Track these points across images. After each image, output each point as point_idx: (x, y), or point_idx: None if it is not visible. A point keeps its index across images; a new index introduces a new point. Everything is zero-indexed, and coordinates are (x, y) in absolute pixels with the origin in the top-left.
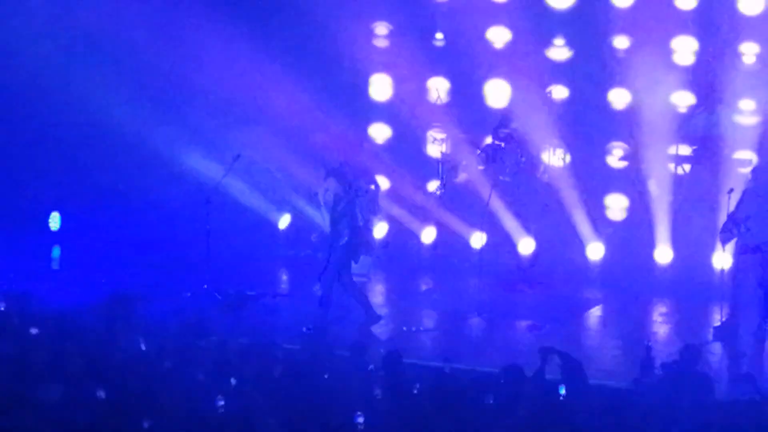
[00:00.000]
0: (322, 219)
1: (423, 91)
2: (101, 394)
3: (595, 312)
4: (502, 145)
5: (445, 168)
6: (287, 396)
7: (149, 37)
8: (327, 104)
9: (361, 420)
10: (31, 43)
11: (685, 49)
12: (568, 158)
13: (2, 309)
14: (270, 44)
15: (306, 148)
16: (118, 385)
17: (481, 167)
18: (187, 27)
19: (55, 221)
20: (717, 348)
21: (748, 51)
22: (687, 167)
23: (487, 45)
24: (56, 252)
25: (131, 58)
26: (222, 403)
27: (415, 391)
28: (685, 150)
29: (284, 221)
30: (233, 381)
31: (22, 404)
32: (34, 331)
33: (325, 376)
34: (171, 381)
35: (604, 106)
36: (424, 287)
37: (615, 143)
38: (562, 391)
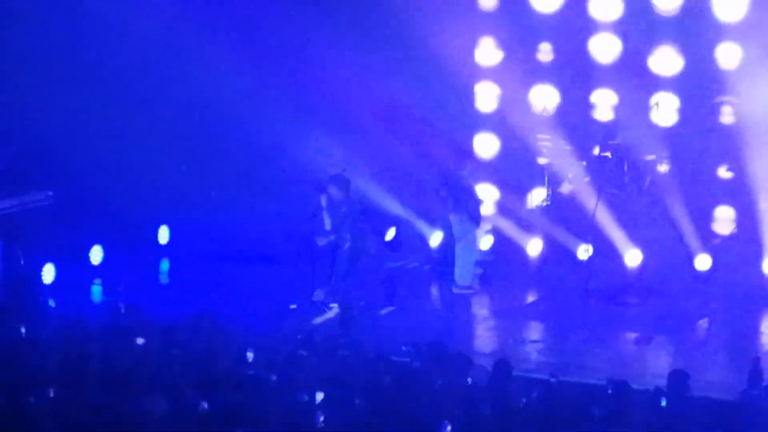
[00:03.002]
0: (326, 224)
1: (529, 102)
2: (204, 405)
3: (703, 324)
4: (609, 156)
5: (551, 180)
6: (394, 408)
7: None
8: (434, 114)
9: None
10: (143, 60)
11: None
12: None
13: (118, 315)
14: (378, 56)
15: (412, 158)
16: (222, 396)
17: (587, 178)
18: (294, 39)
19: (164, 235)
20: None
21: None
22: None
23: (593, 56)
24: (165, 265)
25: (243, 76)
26: (322, 417)
27: (521, 405)
28: None
29: (390, 234)
30: (339, 393)
31: (129, 415)
32: (140, 341)
33: (437, 385)
34: (276, 393)
35: (712, 117)
36: (530, 299)
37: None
38: (663, 403)
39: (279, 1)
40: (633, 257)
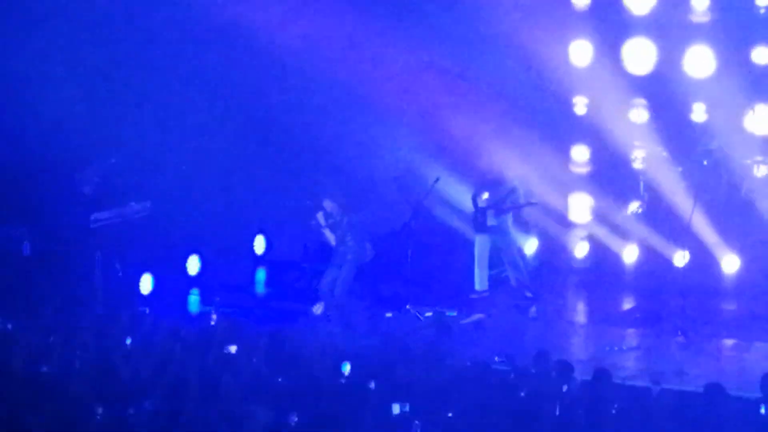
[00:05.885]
0: (330, 239)
1: (624, 110)
2: (294, 417)
3: None
4: (705, 162)
5: (646, 186)
6: (491, 417)
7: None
8: (529, 125)
9: None
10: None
11: None
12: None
13: (211, 324)
14: (467, 70)
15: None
16: (317, 406)
17: (682, 184)
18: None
19: (260, 244)
20: None
21: None
22: None
23: (687, 65)
24: (261, 275)
25: (332, 87)
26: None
27: (614, 411)
28: None
29: None
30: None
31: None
32: (233, 349)
33: (521, 394)
34: (374, 403)
35: None
36: (626, 306)
37: None
38: (763, 410)
39: (374, 12)
40: (730, 263)
